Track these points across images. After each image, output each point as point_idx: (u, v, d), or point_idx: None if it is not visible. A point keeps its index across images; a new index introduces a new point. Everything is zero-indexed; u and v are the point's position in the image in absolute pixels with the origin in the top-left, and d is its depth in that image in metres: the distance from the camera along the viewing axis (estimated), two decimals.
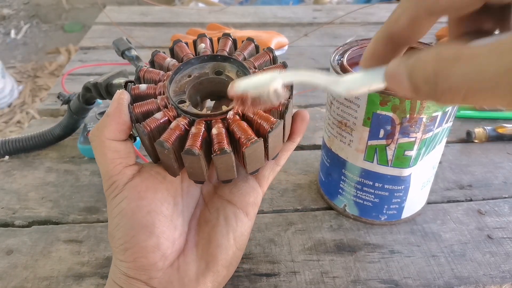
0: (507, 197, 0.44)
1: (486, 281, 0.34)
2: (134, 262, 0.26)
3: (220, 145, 0.25)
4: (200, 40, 0.32)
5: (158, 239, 0.26)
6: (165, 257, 0.26)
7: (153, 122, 0.26)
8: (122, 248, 0.26)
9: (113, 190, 0.27)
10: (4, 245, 0.38)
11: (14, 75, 2.11)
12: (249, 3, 1.88)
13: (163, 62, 0.30)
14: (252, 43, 0.32)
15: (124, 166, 0.27)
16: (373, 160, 0.35)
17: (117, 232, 0.26)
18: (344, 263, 0.36)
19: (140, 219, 0.26)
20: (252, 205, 0.30)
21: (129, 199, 0.26)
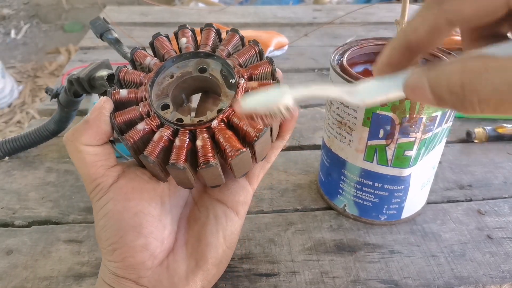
0: (507, 197, 0.44)
1: (486, 281, 0.35)
2: (123, 262, 0.26)
3: (206, 158, 0.25)
4: (181, 33, 0.30)
5: (146, 239, 0.26)
6: (153, 256, 0.26)
7: (136, 133, 0.26)
8: (110, 249, 0.26)
9: (97, 192, 0.26)
10: (4, 245, 0.38)
11: (14, 75, 2.11)
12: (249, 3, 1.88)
13: (143, 61, 0.29)
14: (236, 35, 0.30)
15: (106, 168, 0.27)
16: (373, 160, 0.35)
17: (104, 233, 0.26)
18: (344, 263, 0.36)
19: (127, 220, 0.26)
20: (242, 204, 0.30)
21: (115, 201, 0.26)
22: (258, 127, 0.25)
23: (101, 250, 0.27)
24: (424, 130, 0.33)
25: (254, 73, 0.27)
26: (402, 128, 0.33)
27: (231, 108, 0.26)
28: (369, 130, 0.34)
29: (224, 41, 0.30)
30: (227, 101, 0.27)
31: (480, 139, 0.52)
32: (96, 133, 0.26)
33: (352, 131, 0.35)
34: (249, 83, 0.27)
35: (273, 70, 0.28)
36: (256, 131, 0.25)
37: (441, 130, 0.35)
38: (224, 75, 0.28)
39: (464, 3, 0.18)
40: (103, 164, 0.27)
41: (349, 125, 0.35)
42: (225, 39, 0.30)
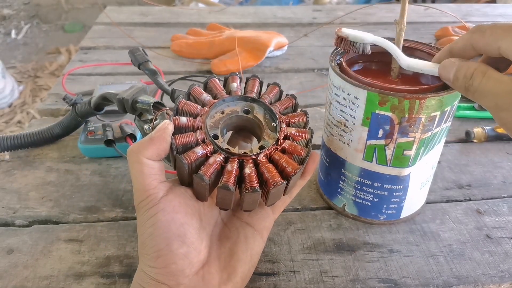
0: (506, 196, 0.44)
1: (485, 280, 0.35)
2: (165, 268, 0.28)
3: (252, 184, 0.29)
4: (231, 79, 0.35)
5: (188, 248, 0.29)
6: (192, 265, 0.29)
7: (193, 154, 0.30)
8: (154, 255, 0.28)
9: (148, 202, 0.29)
10: (5, 245, 0.38)
11: (15, 75, 2.11)
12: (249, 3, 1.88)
13: (199, 97, 0.33)
14: (277, 88, 0.36)
15: (159, 182, 0.29)
16: (372, 159, 0.36)
17: (150, 240, 0.28)
18: (343, 263, 0.36)
19: (174, 230, 0.28)
20: (266, 228, 0.34)
21: (165, 212, 0.28)
22: (295, 166, 0.30)
23: (141, 256, 0.29)
24: (423, 130, 0.33)
25: (291, 121, 0.33)
26: (401, 127, 0.33)
27: (273, 147, 0.31)
28: (369, 129, 0.34)
29: (267, 91, 0.35)
30: (269, 140, 0.33)
31: (479, 139, 0.52)
32: (158, 149, 0.29)
33: (351, 130, 0.35)
34: (288, 129, 0.32)
35: (307, 122, 0.34)
36: (294, 168, 0.30)
37: (440, 130, 0.35)
38: (266, 119, 0.34)
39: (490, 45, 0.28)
40: (157, 178, 0.30)
41: (348, 125, 0.35)
42: (268, 89, 0.35)
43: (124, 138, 0.47)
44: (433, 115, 0.33)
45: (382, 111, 0.32)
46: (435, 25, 0.90)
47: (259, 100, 0.34)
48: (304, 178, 0.34)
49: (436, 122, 0.33)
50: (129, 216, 0.42)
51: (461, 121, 0.57)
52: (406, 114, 0.32)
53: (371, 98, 0.32)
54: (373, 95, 0.32)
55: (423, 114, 0.32)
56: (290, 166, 0.30)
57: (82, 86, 0.65)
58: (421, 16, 0.95)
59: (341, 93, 0.35)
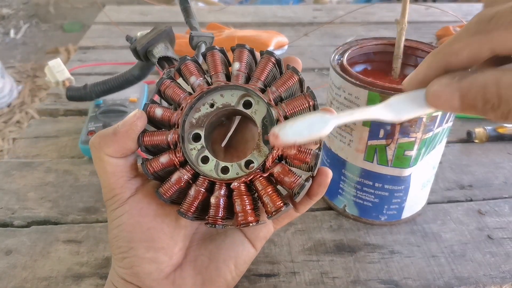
0: (508, 197, 0.44)
1: (486, 281, 0.34)
2: (131, 269, 0.27)
3: (211, 220, 0.26)
4: (237, 55, 0.27)
5: (156, 253, 0.27)
6: (160, 270, 0.27)
7: (156, 164, 0.26)
8: (120, 256, 0.27)
9: (114, 202, 0.27)
10: (3, 246, 0.38)
11: (14, 75, 2.11)
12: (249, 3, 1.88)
13: (189, 78, 0.28)
14: (294, 77, 0.26)
15: (126, 180, 0.27)
16: (373, 160, 0.35)
17: (116, 242, 0.27)
18: (344, 264, 0.36)
19: (139, 234, 0.26)
20: (261, 239, 0.30)
21: (129, 214, 0.26)
22: (277, 204, 0.25)
23: (112, 254, 0.28)
24: (425, 130, 0.33)
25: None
26: (402, 128, 0.33)
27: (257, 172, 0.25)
28: (369, 130, 0.34)
29: (280, 81, 0.26)
30: (259, 157, 0.26)
31: (481, 139, 0.52)
32: (121, 148, 0.26)
33: (352, 131, 0.35)
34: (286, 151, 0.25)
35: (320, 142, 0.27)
36: (274, 207, 0.25)
37: (442, 130, 0.35)
38: (265, 124, 0.26)
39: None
40: (123, 176, 0.27)
41: (349, 125, 0.35)
42: (282, 78, 0.26)
43: None
44: (434, 115, 0.32)
45: None
46: (436, 24, 0.90)
47: (261, 96, 0.26)
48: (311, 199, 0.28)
49: (437, 122, 0.33)
50: None
51: (462, 121, 0.56)
52: None
53: (372, 98, 0.32)
54: (374, 95, 0.32)
55: (424, 115, 0.32)
56: (271, 204, 0.25)
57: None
58: (422, 16, 0.95)
59: (342, 93, 0.34)
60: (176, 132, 0.26)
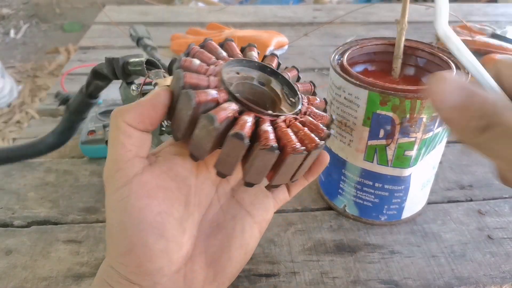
0: (508, 197, 0.44)
1: (486, 281, 0.34)
2: (139, 267, 0.24)
3: (267, 141, 0.24)
4: (249, 49, 0.31)
5: (167, 242, 0.24)
6: (171, 262, 0.24)
7: (205, 95, 0.24)
8: (125, 249, 0.23)
9: (118, 179, 0.24)
10: (4, 245, 0.38)
11: (14, 75, 2.11)
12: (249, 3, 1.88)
13: (215, 51, 0.28)
14: (295, 70, 0.31)
15: (134, 155, 0.24)
16: (373, 160, 0.35)
17: (119, 230, 0.23)
18: (344, 264, 0.36)
19: (149, 219, 0.23)
20: (266, 222, 0.29)
21: (137, 196, 0.23)
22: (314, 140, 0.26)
23: (109, 249, 0.25)
24: (425, 130, 0.33)
25: (312, 103, 0.29)
26: (402, 128, 0.33)
27: (292, 116, 0.27)
28: (369, 130, 0.34)
29: (285, 70, 0.31)
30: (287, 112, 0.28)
31: None
32: (141, 114, 0.24)
33: (352, 131, 0.35)
34: (310, 108, 0.28)
35: (325, 110, 0.30)
36: (313, 143, 0.25)
37: (442, 130, 0.35)
38: (284, 93, 0.29)
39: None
40: (132, 150, 0.24)
41: (349, 125, 0.35)
42: (286, 69, 0.31)
43: None
44: (434, 115, 0.32)
45: (383, 111, 0.32)
46: None
47: (278, 73, 0.29)
48: (307, 178, 0.30)
49: (437, 122, 0.33)
50: None
51: None
52: (407, 114, 0.32)
53: (372, 98, 0.32)
54: (374, 95, 0.32)
55: (425, 114, 0.32)
56: (309, 140, 0.25)
57: (80, 86, 0.64)
58: (422, 16, 0.95)
59: (342, 93, 0.34)
60: (217, 81, 0.25)
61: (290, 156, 0.24)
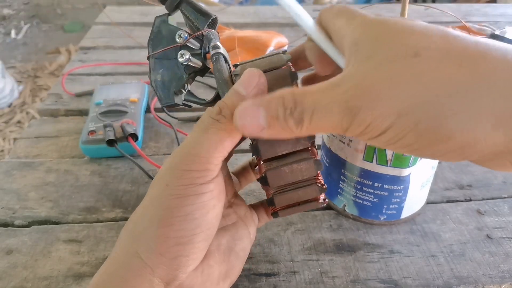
0: (507, 197, 0.44)
1: (485, 281, 0.35)
2: (174, 260, 0.24)
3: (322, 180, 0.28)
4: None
5: (206, 243, 0.25)
6: (197, 260, 0.25)
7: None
8: (172, 241, 0.23)
9: (202, 176, 0.24)
10: (4, 245, 0.38)
11: (14, 75, 2.11)
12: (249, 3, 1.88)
13: None
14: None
15: (221, 158, 0.25)
16: (373, 160, 0.35)
17: (179, 222, 0.23)
18: (344, 263, 0.36)
19: (210, 219, 0.24)
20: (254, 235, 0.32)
21: (212, 195, 0.24)
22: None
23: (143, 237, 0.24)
24: None
25: None
26: None
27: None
28: None
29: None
30: None
31: None
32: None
33: None
34: None
35: None
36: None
37: None
38: None
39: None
40: (222, 153, 0.24)
41: None
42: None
43: (125, 137, 0.47)
44: None
45: None
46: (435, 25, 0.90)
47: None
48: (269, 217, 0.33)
49: None
50: (129, 216, 0.41)
51: None
52: None
53: None
54: None
55: None
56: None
57: (81, 86, 0.64)
58: (421, 16, 0.95)
59: None
60: None
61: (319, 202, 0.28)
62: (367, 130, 0.20)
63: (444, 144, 0.19)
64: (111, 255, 0.26)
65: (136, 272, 0.24)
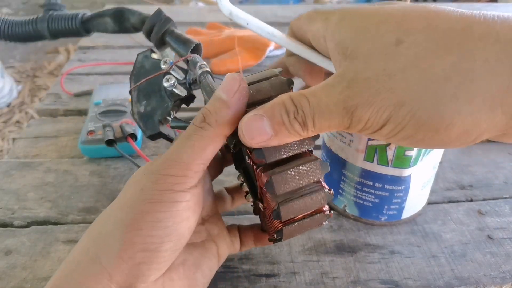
0: (508, 197, 0.44)
1: (486, 281, 0.34)
2: (135, 266, 0.23)
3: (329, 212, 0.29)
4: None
5: (173, 254, 0.24)
6: (160, 271, 0.24)
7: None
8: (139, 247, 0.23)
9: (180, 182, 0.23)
10: (3, 246, 0.38)
11: (13, 75, 2.11)
12: (249, 3, 1.88)
13: None
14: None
15: (202, 168, 0.24)
16: (373, 160, 0.35)
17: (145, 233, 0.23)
18: (344, 264, 0.36)
19: (182, 230, 0.24)
20: (224, 257, 0.31)
21: (187, 205, 0.24)
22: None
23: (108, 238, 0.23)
24: None
25: None
26: None
27: None
28: None
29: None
30: None
31: None
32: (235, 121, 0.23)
33: None
34: None
35: None
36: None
37: None
38: None
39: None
40: (204, 161, 0.24)
41: None
42: None
43: (125, 138, 0.47)
44: None
45: None
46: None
47: None
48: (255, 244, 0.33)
49: None
50: None
51: None
52: None
53: None
54: None
55: None
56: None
57: (81, 86, 0.64)
58: None
59: None
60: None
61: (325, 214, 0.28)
62: (367, 126, 0.20)
63: (445, 132, 0.19)
64: (68, 257, 0.25)
65: (93, 277, 0.22)
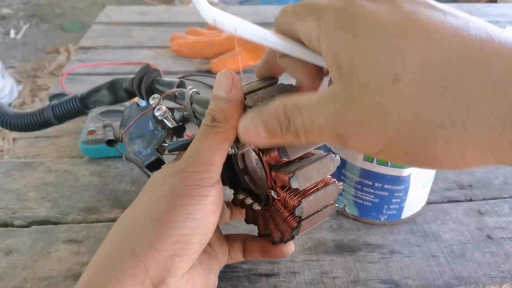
0: (507, 197, 0.44)
1: (486, 281, 0.34)
2: (169, 258, 0.23)
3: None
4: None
5: (201, 247, 0.25)
6: (188, 265, 0.25)
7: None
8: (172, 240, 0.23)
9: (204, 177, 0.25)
10: (4, 245, 0.38)
11: (14, 75, 2.11)
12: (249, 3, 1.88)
13: None
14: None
15: (221, 164, 0.26)
16: (373, 160, 0.35)
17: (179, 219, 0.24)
18: (344, 263, 0.36)
19: (208, 224, 0.25)
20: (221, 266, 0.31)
21: (213, 199, 0.25)
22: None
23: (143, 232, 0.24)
24: None
25: None
26: None
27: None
28: None
29: None
30: None
31: None
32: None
33: None
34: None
35: None
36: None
37: None
38: None
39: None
40: (222, 158, 0.26)
41: None
42: None
43: None
44: None
45: None
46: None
47: None
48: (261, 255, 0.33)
49: None
50: None
51: None
52: None
53: None
54: None
55: None
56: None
57: (81, 86, 0.64)
58: None
59: None
60: None
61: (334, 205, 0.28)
62: (360, 151, 0.21)
63: (438, 166, 0.19)
64: (98, 254, 0.25)
65: (130, 271, 0.23)
